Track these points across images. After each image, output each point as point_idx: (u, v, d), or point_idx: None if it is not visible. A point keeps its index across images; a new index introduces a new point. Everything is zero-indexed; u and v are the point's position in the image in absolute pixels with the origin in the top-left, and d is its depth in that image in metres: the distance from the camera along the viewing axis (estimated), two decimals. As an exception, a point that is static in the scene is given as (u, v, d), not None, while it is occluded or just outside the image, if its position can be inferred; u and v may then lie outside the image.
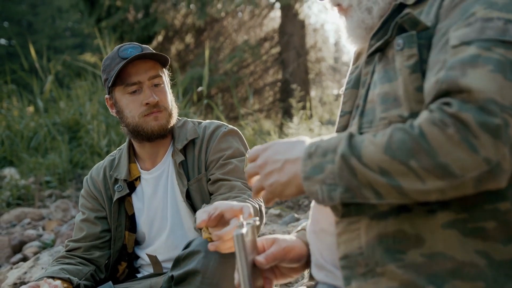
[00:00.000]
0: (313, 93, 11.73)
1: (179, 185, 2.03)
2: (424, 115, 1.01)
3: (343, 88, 1.41)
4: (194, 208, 2.02)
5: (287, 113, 9.46)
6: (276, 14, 11.43)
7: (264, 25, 11.40)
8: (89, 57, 11.00)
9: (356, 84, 1.34)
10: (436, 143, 0.97)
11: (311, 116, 8.26)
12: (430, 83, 1.06)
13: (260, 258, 1.27)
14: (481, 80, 0.98)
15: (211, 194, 2.02)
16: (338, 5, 1.34)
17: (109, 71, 1.99)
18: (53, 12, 25.02)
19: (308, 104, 8.36)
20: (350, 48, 1.42)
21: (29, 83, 8.33)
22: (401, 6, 1.23)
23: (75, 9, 10.95)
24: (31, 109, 8.19)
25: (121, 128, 2.09)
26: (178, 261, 1.75)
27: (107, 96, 2.09)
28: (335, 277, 1.24)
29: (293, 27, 10.59)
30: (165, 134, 2.04)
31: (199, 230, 1.95)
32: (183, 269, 1.70)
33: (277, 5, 10.80)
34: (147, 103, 1.96)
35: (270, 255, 1.30)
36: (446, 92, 1.01)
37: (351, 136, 1.07)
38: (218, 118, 7.26)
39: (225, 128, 2.08)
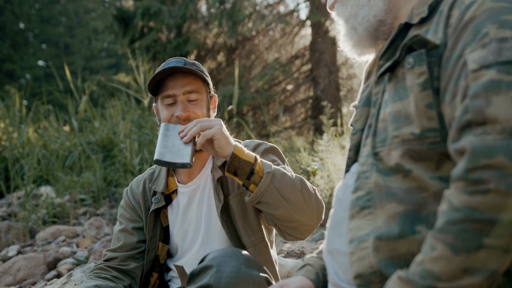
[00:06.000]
0: (345, 110, 11.68)
1: (215, 200, 2.07)
2: (456, 193, 0.98)
3: (354, 104, 1.44)
4: (231, 223, 2.06)
5: (319, 130, 9.43)
6: (307, 32, 11.46)
7: (295, 43, 11.43)
8: (123, 77, 11.18)
9: (367, 102, 1.35)
10: (491, 208, 0.94)
11: (342, 133, 8.22)
12: (459, 113, 1.04)
13: None
14: (507, 108, 0.96)
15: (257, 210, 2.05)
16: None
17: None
18: (89, 34, 25.59)
19: (339, 121, 8.32)
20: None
21: (65, 103, 8.50)
22: (407, 26, 1.25)
23: (109, 30, 11.16)
24: (66, 128, 8.35)
25: None
26: (192, 276, 1.77)
27: (154, 104, 2.17)
28: (351, 294, 1.24)
29: (324, 44, 10.58)
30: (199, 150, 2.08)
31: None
32: (197, 284, 1.72)
33: (308, 22, 10.83)
34: (177, 116, 2.01)
35: None
36: (469, 123, 1.00)
37: (410, 275, 1.02)
38: (248, 136, 7.28)
39: (266, 145, 2.12)
